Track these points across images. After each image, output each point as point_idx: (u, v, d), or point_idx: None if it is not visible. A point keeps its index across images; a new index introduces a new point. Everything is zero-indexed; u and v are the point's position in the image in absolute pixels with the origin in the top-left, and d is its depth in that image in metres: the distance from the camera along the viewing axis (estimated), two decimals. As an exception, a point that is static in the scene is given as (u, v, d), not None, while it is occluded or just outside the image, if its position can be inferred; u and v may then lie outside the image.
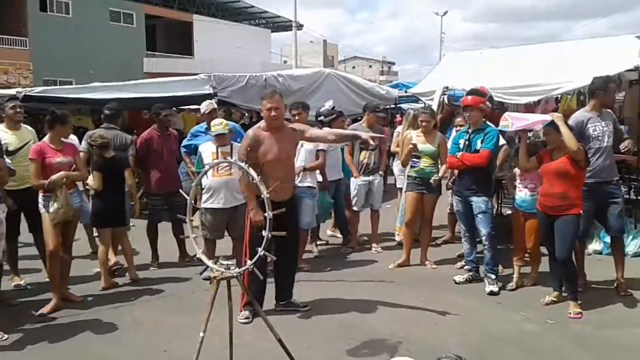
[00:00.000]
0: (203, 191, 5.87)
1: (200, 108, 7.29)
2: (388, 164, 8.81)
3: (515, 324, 4.73)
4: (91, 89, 9.85)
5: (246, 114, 13.52)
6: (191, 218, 3.91)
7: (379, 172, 7.21)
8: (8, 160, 5.13)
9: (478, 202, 5.57)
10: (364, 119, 7.30)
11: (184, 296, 5.55)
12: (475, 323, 4.75)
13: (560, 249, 4.85)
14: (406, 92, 11.57)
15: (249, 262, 3.63)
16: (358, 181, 7.00)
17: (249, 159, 4.48)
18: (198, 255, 3.84)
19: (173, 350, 4.28)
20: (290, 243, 4.83)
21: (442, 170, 6.23)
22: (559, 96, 8.33)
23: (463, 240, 5.90)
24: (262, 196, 3.50)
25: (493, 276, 5.52)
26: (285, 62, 45.38)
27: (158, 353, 4.28)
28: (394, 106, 12.86)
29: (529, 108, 8.24)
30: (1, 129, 5.59)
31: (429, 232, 6.62)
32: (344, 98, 10.02)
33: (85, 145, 6.27)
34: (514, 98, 7.49)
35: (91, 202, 6.09)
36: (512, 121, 5.14)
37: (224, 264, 3.64)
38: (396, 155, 7.50)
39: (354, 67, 68.72)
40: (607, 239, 6.05)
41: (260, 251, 3.50)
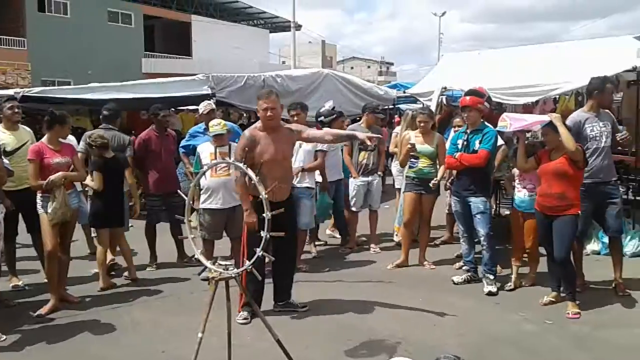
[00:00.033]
0: (201, 192, 5.87)
1: (198, 108, 7.29)
2: (386, 165, 8.83)
3: (513, 324, 4.73)
4: (89, 90, 9.85)
5: (244, 115, 13.52)
6: (189, 219, 3.91)
7: (378, 173, 7.22)
8: (6, 160, 5.13)
9: (476, 203, 5.57)
10: (363, 120, 7.31)
11: (183, 297, 5.55)
12: (473, 323, 4.75)
13: (558, 249, 4.86)
14: (404, 93, 11.56)
15: (248, 263, 3.62)
16: (357, 182, 7.01)
17: (246, 160, 4.47)
18: (196, 255, 3.84)
19: (171, 350, 4.27)
20: (288, 244, 4.82)
21: (441, 172, 6.23)
22: (557, 97, 8.34)
23: (461, 240, 5.90)
24: (261, 197, 3.49)
25: (491, 276, 5.52)
26: (283, 63, 45.37)
27: (156, 354, 4.27)
28: (392, 107, 12.88)
29: (527, 109, 8.25)
30: (-1, 130, 5.59)
31: (428, 233, 6.62)
32: (343, 98, 10.03)
33: (83, 145, 6.26)
34: (512, 98, 7.50)
35: (89, 203, 6.08)
36: (511, 122, 5.14)
37: (223, 265, 3.64)
38: (394, 155, 7.51)
39: (353, 68, 68.72)
40: (606, 239, 6.06)
41: (258, 252, 3.50)
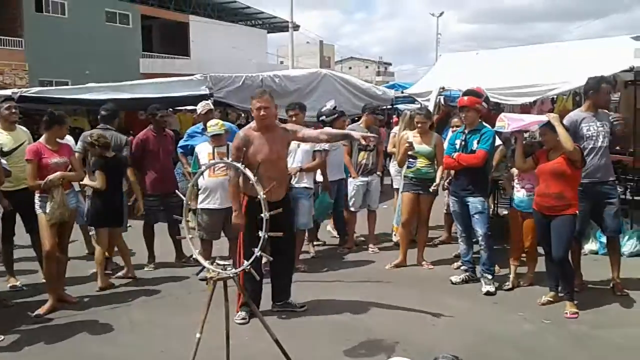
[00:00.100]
0: (199, 192, 5.87)
1: (196, 109, 7.29)
2: (385, 165, 8.83)
3: (511, 324, 4.73)
4: (87, 90, 9.86)
5: (242, 115, 13.51)
6: (187, 219, 3.91)
7: (377, 173, 7.23)
8: (3, 161, 5.12)
9: (474, 203, 5.58)
10: (362, 120, 7.32)
11: (181, 297, 5.55)
12: (471, 323, 4.76)
13: (556, 249, 4.86)
14: (402, 93, 11.58)
15: (246, 263, 3.62)
16: (356, 182, 7.01)
17: (238, 159, 4.45)
18: (194, 256, 3.84)
19: (170, 350, 4.27)
20: (286, 244, 4.82)
21: (439, 173, 6.22)
22: (555, 97, 8.35)
23: (459, 240, 5.91)
24: (259, 197, 3.49)
25: (489, 276, 5.53)
26: (281, 63, 45.41)
27: (155, 353, 4.27)
28: (390, 107, 12.89)
29: (525, 109, 8.25)
30: (-4, 130, 5.58)
31: (426, 233, 6.63)
32: (341, 98, 10.02)
33: (80, 145, 6.26)
34: (510, 99, 7.51)
35: (88, 202, 6.07)
36: (508, 122, 5.15)
37: (221, 265, 3.64)
38: (393, 156, 7.51)
39: (351, 68, 68.79)
40: (603, 239, 6.07)
41: (257, 252, 3.50)
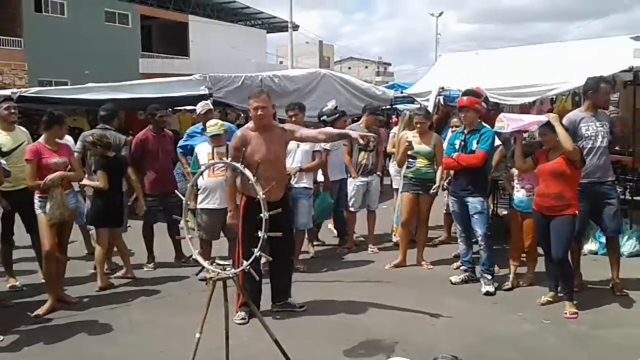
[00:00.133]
0: (199, 192, 5.87)
1: (196, 109, 7.28)
2: (384, 165, 8.83)
3: (511, 324, 4.74)
4: (86, 90, 9.84)
5: (242, 115, 13.50)
6: (187, 219, 3.91)
7: (377, 173, 7.23)
8: (3, 161, 5.12)
9: (474, 203, 5.58)
10: (362, 120, 7.31)
11: (180, 297, 5.54)
12: (471, 323, 4.76)
13: (556, 249, 4.86)
14: (402, 93, 11.58)
15: (246, 263, 3.62)
16: (356, 182, 7.01)
17: (236, 159, 4.45)
18: (194, 256, 3.84)
19: (169, 350, 4.27)
20: (284, 244, 4.81)
21: (439, 175, 6.22)
22: (554, 97, 8.35)
23: (459, 240, 5.91)
24: (258, 197, 3.49)
25: (489, 276, 5.53)
26: (281, 63, 45.43)
27: (155, 353, 4.27)
28: (390, 107, 12.89)
29: (524, 109, 8.26)
30: (-5, 130, 5.58)
31: (425, 233, 6.63)
32: (340, 99, 10.00)
33: (80, 145, 6.27)
34: (510, 99, 7.51)
35: (89, 202, 6.08)
36: (508, 122, 5.14)
37: (220, 265, 3.64)
38: (392, 156, 7.52)
39: (350, 68, 68.78)
40: (603, 239, 6.07)
41: (256, 252, 3.50)
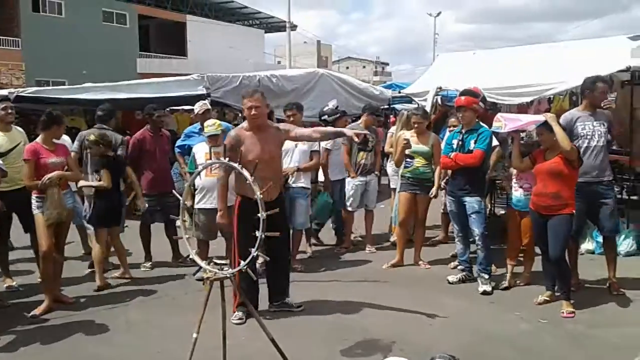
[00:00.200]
0: (196, 191, 5.86)
1: (193, 108, 7.28)
2: (382, 165, 8.83)
3: (508, 324, 4.74)
4: (84, 90, 9.84)
5: (240, 115, 13.46)
6: (184, 219, 3.90)
7: (375, 173, 7.23)
8: (0, 161, 5.11)
9: (471, 202, 5.58)
10: (362, 120, 7.30)
11: (177, 297, 5.54)
12: (468, 322, 4.76)
13: (553, 249, 4.87)
14: (400, 93, 11.57)
15: (243, 263, 3.62)
16: (355, 181, 7.00)
17: (232, 159, 4.42)
18: (191, 256, 3.84)
19: (166, 351, 4.26)
20: (281, 244, 4.81)
21: (437, 177, 6.22)
22: (552, 97, 8.36)
23: (456, 240, 5.92)
24: (255, 197, 3.49)
25: (486, 276, 5.53)
26: (279, 63, 45.40)
27: (152, 354, 4.27)
28: (388, 107, 12.89)
29: (522, 109, 8.27)
30: (-8, 131, 5.56)
31: (423, 233, 6.63)
32: (339, 98, 9.97)
33: (77, 145, 6.27)
34: (507, 99, 7.51)
35: (86, 203, 6.08)
36: (505, 122, 5.14)
37: (217, 265, 3.63)
38: (390, 155, 7.52)
39: (348, 68, 68.71)
40: (600, 239, 6.07)
41: (253, 252, 3.49)
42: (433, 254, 6.82)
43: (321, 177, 6.82)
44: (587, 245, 6.65)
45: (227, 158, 4.05)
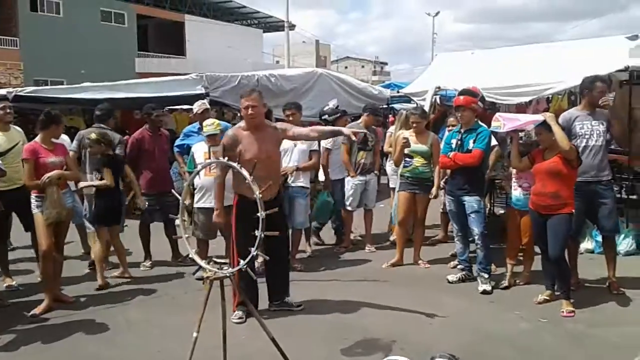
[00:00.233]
0: (195, 191, 5.87)
1: (192, 108, 7.28)
2: (381, 164, 8.84)
3: (508, 323, 4.74)
4: (82, 89, 9.84)
5: (238, 114, 13.45)
6: (183, 218, 3.90)
7: (374, 172, 7.23)
8: (-1, 160, 5.11)
9: (470, 202, 5.59)
10: (362, 119, 7.30)
11: (177, 296, 5.54)
12: (468, 322, 4.77)
13: (552, 248, 4.87)
14: (398, 92, 11.58)
15: (242, 262, 3.62)
16: (355, 181, 6.99)
17: (232, 159, 4.42)
18: (191, 255, 3.84)
19: (167, 350, 4.26)
20: (279, 243, 4.81)
21: (437, 177, 6.23)
22: (550, 96, 8.37)
23: (456, 239, 5.92)
24: (255, 196, 3.48)
25: (486, 275, 5.54)
26: (277, 62, 45.37)
27: (152, 353, 4.27)
28: (386, 106, 12.89)
29: (521, 108, 8.27)
30: (-9, 130, 5.56)
31: (422, 232, 6.64)
32: (337, 98, 10.00)
33: (75, 145, 6.26)
34: (506, 98, 7.52)
35: (88, 202, 6.08)
36: (504, 122, 5.14)
37: (217, 264, 3.63)
38: (389, 155, 7.52)
39: (347, 67, 68.70)
40: (599, 238, 6.07)
41: (253, 251, 3.49)
42: (433, 254, 6.83)
43: (321, 177, 6.81)
44: (587, 244, 6.65)
45: (226, 157, 4.05)
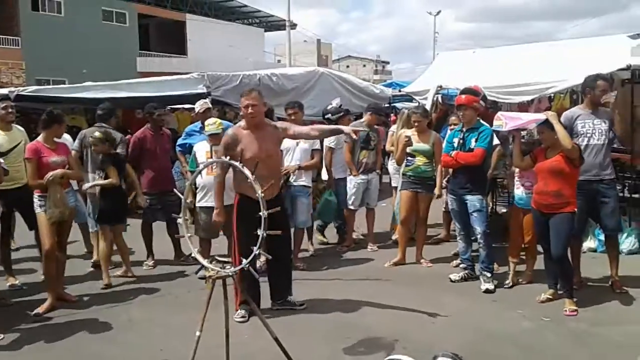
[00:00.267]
0: (197, 190, 5.87)
1: (194, 107, 7.28)
2: (383, 163, 8.84)
3: (511, 322, 4.74)
4: (84, 89, 9.84)
5: (240, 113, 13.48)
6: (186, 217, 3.90)
7: (376, 171, 7.23)
8: (1, 160, 5.11)
9: (473, 201, 5.58)
10: (365, 118, 7.29)
11: (180, 295, 5.54)
12: (471, 321, 4.76)
13: (555, 247, 4.87)
14: (400, 91, 11.58)
15: (245, 261, 3.62)
16: (357, 179, 6.98)
17: (234, 158, 4.41)
18: (193, 254, 3.84)
19: (169, 349, 4.27)
20: (281, 242, 4.80)
21: (439, 176, 6.23)
22: (552, 95, 8.36)
23: (458, 238, 5.92)
24: (257, 195, 3.48)
25: (488, 274, 5.54)
26: (279, 62, 45.33)
27: (154, 352, 4.27)
28: (388, 105, 12.89)
29: (523, 107, 8.27)
30: (-7, 130, 5.57)
31: (424, 231, 6.64)
32: (339, 97, 10.01)
33: (77, 144, 6.27)
34: (508, 97, 7.52)
35: (91, 201, 6.09)
36: (506, 121, 5.13)
37: (220, 263, 3.64)
38: (391, 154, 7.52)
39: (348, 67, 68.62)
40: (602, 237, 6.08)
41: (255, 250, 3.49)
42: (435, 252, 6.83)
43: (325, 176, 6.81)
44: (590, 243, 6.65)
45: (228, 157, 4.06)
